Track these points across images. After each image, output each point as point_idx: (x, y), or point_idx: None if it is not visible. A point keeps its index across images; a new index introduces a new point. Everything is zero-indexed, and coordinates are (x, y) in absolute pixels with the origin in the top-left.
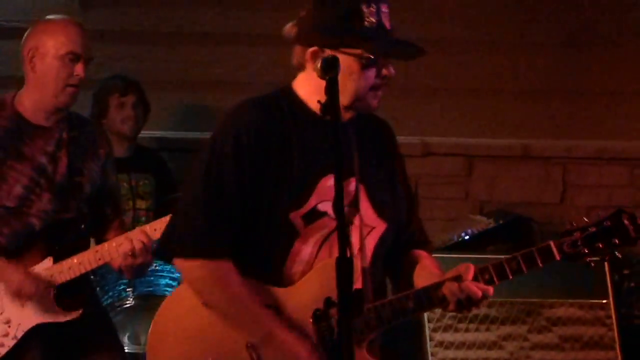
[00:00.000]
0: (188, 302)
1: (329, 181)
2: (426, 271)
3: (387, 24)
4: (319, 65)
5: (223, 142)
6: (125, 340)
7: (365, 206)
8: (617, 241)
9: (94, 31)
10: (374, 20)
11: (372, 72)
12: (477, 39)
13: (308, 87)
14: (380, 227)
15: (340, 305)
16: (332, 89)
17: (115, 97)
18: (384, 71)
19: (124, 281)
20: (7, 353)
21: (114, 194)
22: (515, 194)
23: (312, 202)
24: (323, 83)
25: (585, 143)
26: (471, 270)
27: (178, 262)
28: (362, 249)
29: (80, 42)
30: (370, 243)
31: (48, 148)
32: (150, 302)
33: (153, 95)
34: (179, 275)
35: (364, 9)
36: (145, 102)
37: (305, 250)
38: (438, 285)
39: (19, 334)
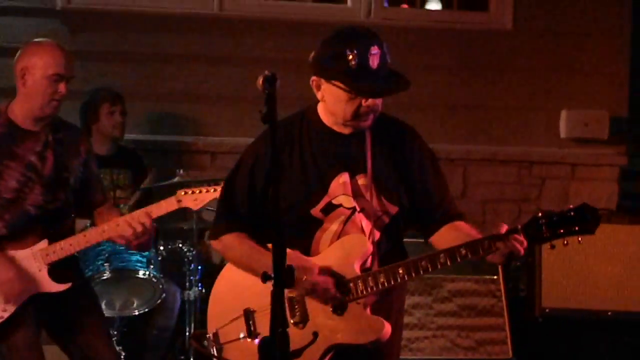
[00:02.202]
0: (228, 272)
1: (340, 179)
2: (463, 232)
3: (374, 64)
4: (260, 81)
5: (247, 156)
6: (103, 306)
7: (376, 196)
8: (576, 228)
9: (81, 51)
10: (354, 62)
11: (356, 102)
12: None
13: (321, 106)
14: (391, 210)
15: (275, 280)
16: (269, 102)
17: (106, 106)
18: (364, 103)
19: (102, 257)
20: (8, 318)
21: (100, 182)
22: None
23: (326, 199)
24: (331, 103)
25: (482, 148)
26: (505, 228)
27: (212, 244)
28: (372, 231)
29: (64, 64)
30: (383, 223)
31: (37, 148)
32: (123, 274)
33: (130, 105)
34: (147, 253)
35: (347, 52)
36: (126, 110)
37: (331, 228)
38: (480, 241)
39: (19, 302)
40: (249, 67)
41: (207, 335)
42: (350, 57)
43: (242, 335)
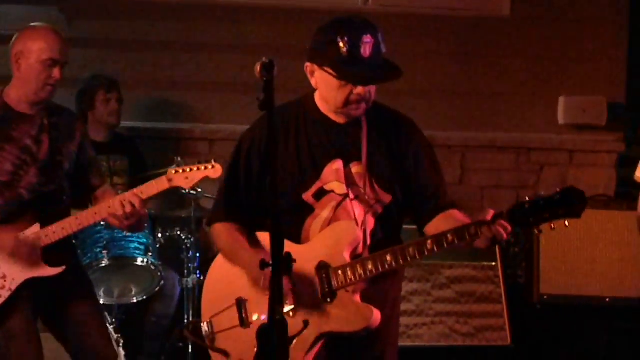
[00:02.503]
0: (220, 260)
1: (333, 166)
2: (454, 219)
3: (366, 52)
4: (257, 68)
5: (243, 141)
6: (101, 294)
7: (370, 184)
8: (561, 212)
9: (78, 39)
10: (345, 50)
11: (347, 89)
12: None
13: (318, 94)
14: (385, 199)
15: (273, 267)
16: (267, 89)
17: (102, 94)
18: (354, 91)
19: (100, 245)
20: (4, 302)
21: (96, 166)
22: None
23: (318, 184)
24: (323, 90)
25: (480, 135)
26: (491, 214)
27: (207, 230)
28: (364, 218)
29: (58, 49)
30: (377, 211)
31: (32, 132)
32: (121, 262)
33: (127, 92)
34: (146, 240)
35: (339, 39)
36: (122, 98)
37: (322, 215)
38: (467, 227)
39: (13, 287)
40: (246, 54)
41: (201, 324)
42: (342, 44)
43: (235, 324)
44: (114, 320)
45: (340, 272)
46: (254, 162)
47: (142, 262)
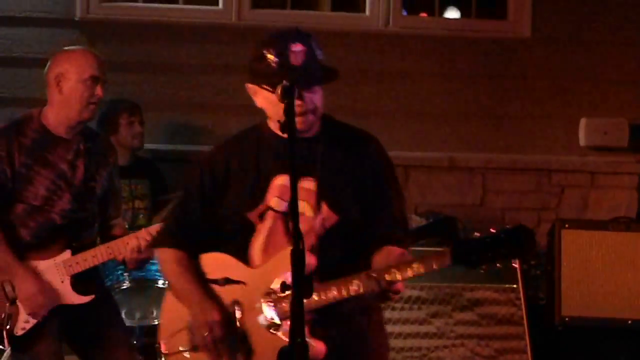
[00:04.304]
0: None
1: (277, 180)
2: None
3: (297, 61)
4: (278, 91)
5: (197, 166)
6: (122, 316)
7: (318, 201)
8: (503, 251)
9: None
10: (274, 62)
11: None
12: (419, 72)
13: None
14: (332, 218)
15: (294, 289)
16: (288, 112)
17: (125, 117)
18: (297, 102)
19: (121, 267)
20: (31, 328)
21: (117, 196)
22: (443, 198)
23: (266, 203)
24: (267, 108)
25: (501, 156)
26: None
27: (154, 251)
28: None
29: (98, 67)
30: (320, 230)
31: (68, 157)
32: (142, 284)
33: (148, 114)
34: None
35: (266, 54)
36: (143, 120)
37: (262, 233)
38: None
39: (41, 315)
40: None
41: (156, 346)
42: (270, 57)
43: (183, 347)
44: (135, 342)
45: (287, 302)
46: (207, 185)
47: (163, 284)
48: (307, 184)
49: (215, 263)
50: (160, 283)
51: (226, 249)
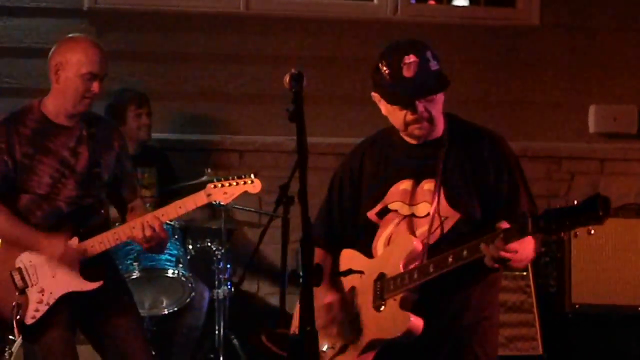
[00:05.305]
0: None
1: (401, 185)
2: None
3: (409, 73)
4: (287, 79)
5: (336, 172)
6: None
7: (442, 201)
8: (583, 219)
9: (108, 52)
10: (387, 73)
11: (401, 112)
12: None
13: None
14: (454, 216)
15: (304, 277)
16: (296, 100)
17: (133, 109)
18: (408, 112)
19: (131, 256)
20: (41, 316)
21: (129, 179)
22: None
23: (382, 204)
24: (388, 115)
25: (512, 144)
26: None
27: None
28: (428, 234)
29: (98, 62)
30: (444, 228)
31: (70, 144)
32: (152, 274)
33: (157, 104)
34: (176, 252)
35: (381, 66)
36: (151, 112)
37: (385, 232)
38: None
39: (51, 301)
40: (275, 65)
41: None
42: (384, 69)
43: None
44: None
45: (391, 282)
46: (346, 183)
47: (173, 273)
48: (429, 186)
49: (346, 258)
50: (170, 273)
51: (358, 245)
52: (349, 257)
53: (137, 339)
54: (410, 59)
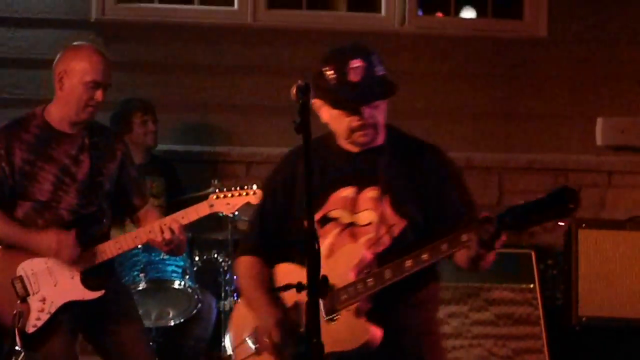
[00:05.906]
0: None
1: (341, 193)
2: None
3: (356, 77)
4: (293, 91)
5: (269, 176)
6: None
7: (386, 209)
8: (551, 214)
9: (114, 62)
10: (333, 78)
11: (346, 117)
12: (436, 72)
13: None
14: (400, 223)
15: (309, 289)
16: (303, 111)
17: (139, 116)
18: (353, 118)
19: (137, 268)
20: (42, 325)
21: (137, 185)
22: None
23: (322, 212)
24: (330, 122)
25: (518, 156)
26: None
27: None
28: (375, 242)
29: (102, 71)
30: (390, 236)
31: (72, 152)
32: (158, 285)
33: (163, 115)
34: (183, 263)
35: (326, 70)
36: (157, 119)
37: (326, 242)
38: (459, 233)
39: (52, 310)
40: (282, 77)
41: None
42: (329, 73)
43: (247, 353)
44: (151, 343)
45: (343, 292)
46: (277, 192)
47: (180, 285)
48: (372, 193)
49: (283, 272)
50: (176, 284)
51: (295, 257)
52: (285, 272)
53: (142, 346)
54: (357, 63)
